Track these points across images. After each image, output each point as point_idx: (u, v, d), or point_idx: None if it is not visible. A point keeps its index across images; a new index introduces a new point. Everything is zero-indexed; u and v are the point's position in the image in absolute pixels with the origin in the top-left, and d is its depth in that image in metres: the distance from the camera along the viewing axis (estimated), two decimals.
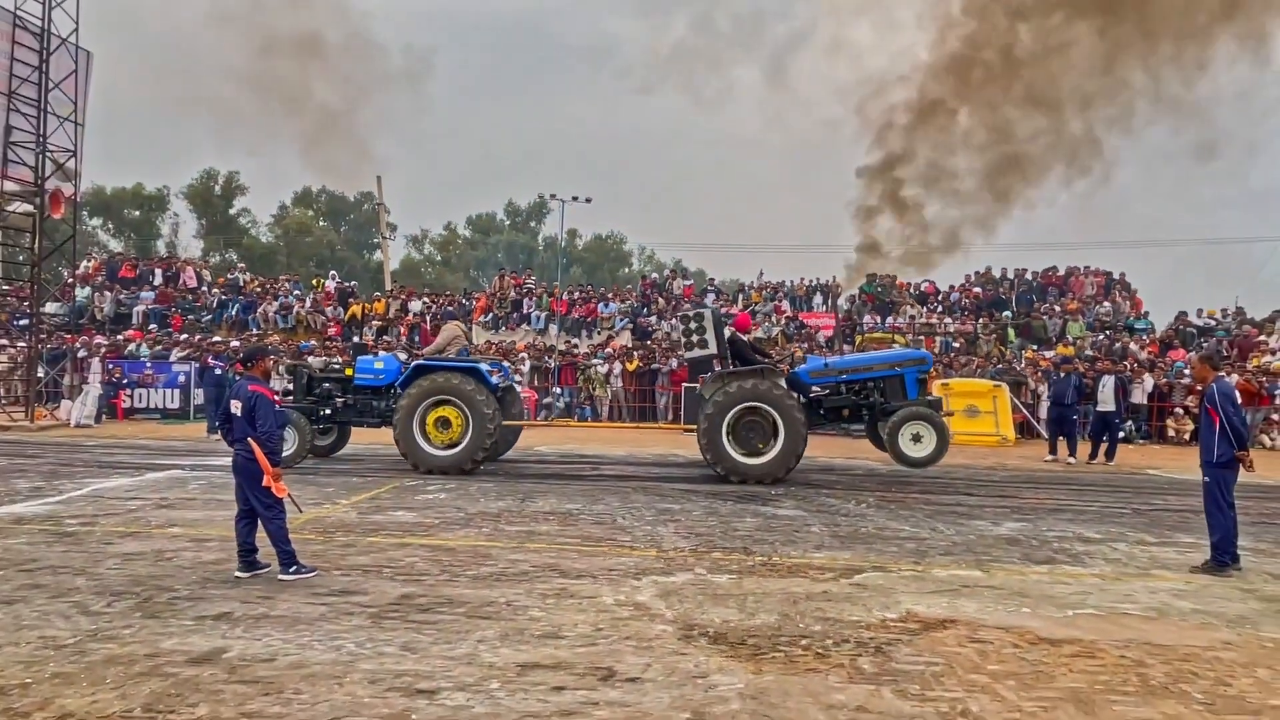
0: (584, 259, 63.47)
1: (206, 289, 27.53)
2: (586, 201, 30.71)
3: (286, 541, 5.91)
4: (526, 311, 25.79)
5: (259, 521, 5.98)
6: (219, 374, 16.85)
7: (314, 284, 29.58)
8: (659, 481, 11.11)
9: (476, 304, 26.48)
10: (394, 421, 11.29)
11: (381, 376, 12.03)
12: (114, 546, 6.77)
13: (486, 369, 11.56)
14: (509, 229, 65.30)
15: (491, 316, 25.65)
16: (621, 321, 25.02)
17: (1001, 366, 19.37)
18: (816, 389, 11.51)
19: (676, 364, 20.04)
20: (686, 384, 16.99)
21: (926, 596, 5.67)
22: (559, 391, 20.61)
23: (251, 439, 5.89)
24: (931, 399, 11.57)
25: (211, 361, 17.68)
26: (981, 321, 23.04)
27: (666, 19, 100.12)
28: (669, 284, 27.75)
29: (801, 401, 11.03)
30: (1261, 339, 20.51)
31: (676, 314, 24.79)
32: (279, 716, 3.70)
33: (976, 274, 26.05)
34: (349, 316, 25.79)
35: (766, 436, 10.84)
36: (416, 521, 7.99)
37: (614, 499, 9.51)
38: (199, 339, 22.08)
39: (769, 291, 26.76)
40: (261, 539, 6.01)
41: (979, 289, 25.16)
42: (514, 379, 14.49)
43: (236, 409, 5.98)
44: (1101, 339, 21.34)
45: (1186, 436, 16.99)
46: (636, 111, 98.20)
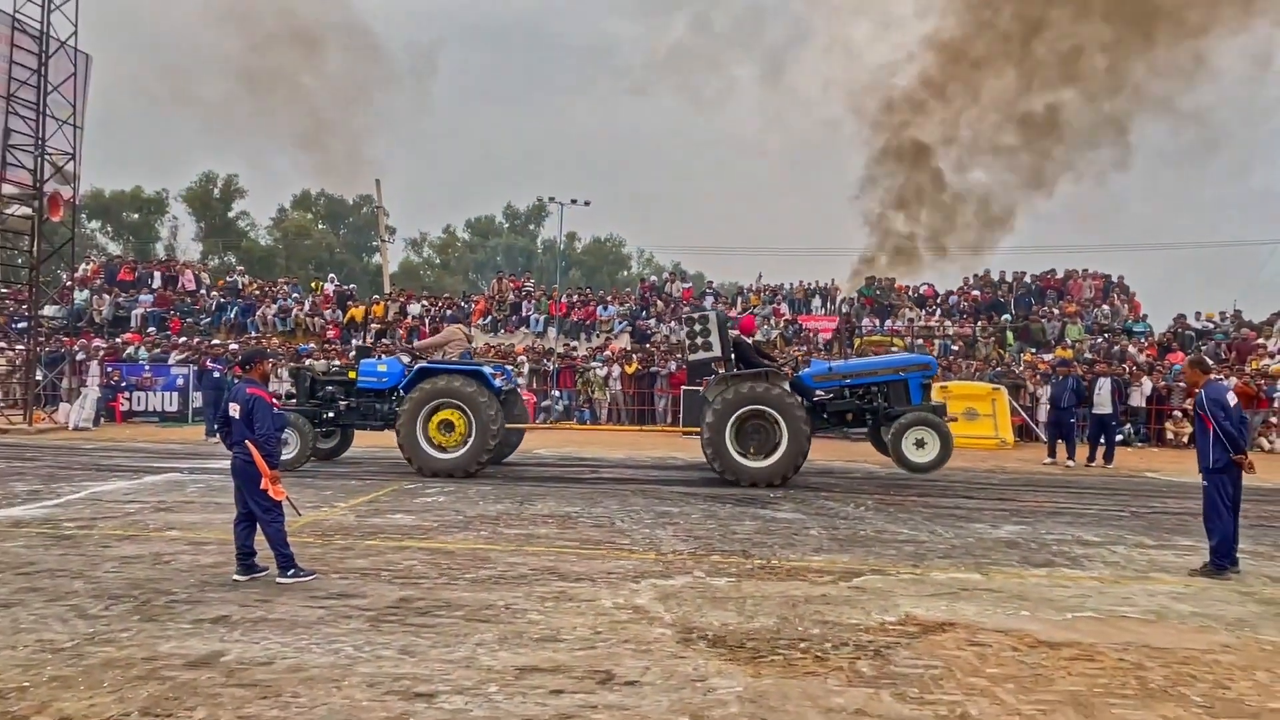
0: (583, 262, 63.48)
1: (205, 292, 27.52)
2: (585, 204, 30.83)
3: (285, 545, 5.90)
4: (525, 314, 25.79)
5: (257, 524, 5.97)
6: (217, 377, 16.85)
7: (313, 287, 29.59)
8: (658, 484, 11.11)
9: (475, 307, 26.50)
10: (397, 425, 11.27)
11: (385, 379, 12.01)
12: (112, 550, 6.76)
13: (490, 372, 11.56)
14: (508, 232, 65.31)
15: (490, 319, 25.65)
16: (620, 324, 25.03)
17: (1000, 369, 19.38)
18: (820, 393, 11.51)
19: (675, 367, 20.05)
20: (685, 387, 16.96)
21: (925, 599, 5.66)
22: (558, 394, 20.61)
23: (250, 442, 5.89)
24: (935, 405, 11.58)
25: (210, 364, 17.68)
26: (980, 324, 23.06)
27: (666, 19, 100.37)
28: (668, 287, 27.78)
29: (805, 405, 11.04)
30: (1260, 342, 20.53)
31: (675, 317, 24.83)
32: None
33: (975, 277, 26.08)
34: (348, 319, 25.79)
35: (770, 440, 10.84)
36: (415, 524, 7.98)
37: (613, 502, 9.51)
38: (197, 342, 22.07)
39: (768, 294, 26.78)
40: (260, 542, 6.00)
41: (977, 292, 25.20)
42: (517, 382, 14.48)
43: (235, 412, 5.98)
44: (1100, 342, 21.35)
45: (1185, 439, 17.00)
46: (635, 114, 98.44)
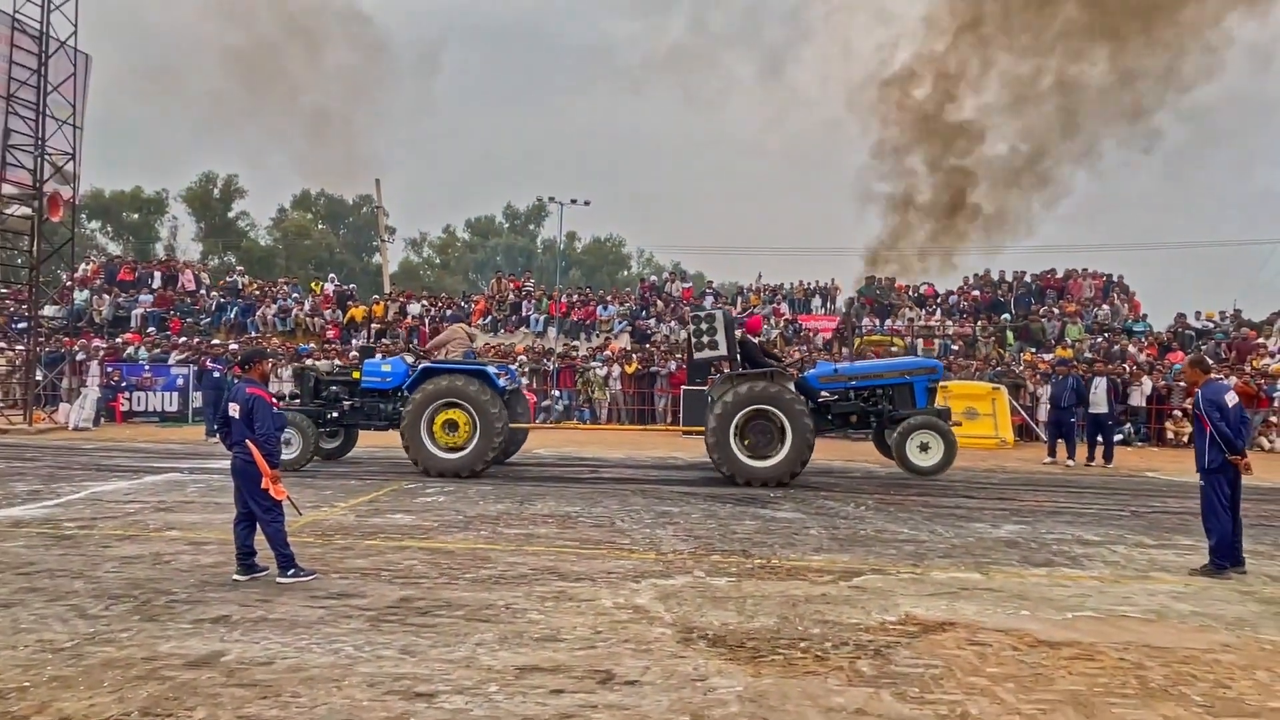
0: (583, 262, 63.46)
1: (205, 292, 27.52)
2: (585, 204, 30.80)
3: (285, 544, 5.91)
4: (525, 314, 25.79)
5: (257, 524, 5.97)
6: (217, 377, 16.85)
7: (313, 287, 29.59)
8: (658, 484, 11.11)
9: (475, 307, 26.50)
10: (402, 425, 11.28)
11: (389, 379, 12.03)
12: (112, 550, 6.76)
13: (494, 372, 11.57)
14: (508, 232, 65.30)
15: (490, 319, 25.66)
16: (620, 324, 25.02)
17: (1000, 369, 19.38)
18: (825, 394, 11.52)
19: (675, 366, 20.05)
20: (685, 386, 16.98)
21: (925, 599, 5.66)
22: (558, 394, 20.62)
23: (250, 441, 5.89)
24: (940, 409, 11.59)
25: (210, 364, 17.69)
26: (980, 324, 23.06)
27: (665, 19, 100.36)
28: (667, 286, 27.78)
29: (810, 406, 11.04)
30: (1260, 341, 20.54)
31: (675, 316, 24.83)
32: None
33: (975, 276, 26.08)
34: (348, 319, 25.79)
35: (773, 440, 10.85)
36: (415, 524, 7.98)
37: (613, 502, 9.51)
38: (197, 342, 22.07)
39: (767, 294, 26.78)
40: (260, 542, 6.00)
41: (977, 291, 25.20)
42: (520, 382, 14.48)
43: (235, 412, 5.98)
44: (1100, 341, 21.36)
45: (1185, 439, 17.00)
46: (635, 114, 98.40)
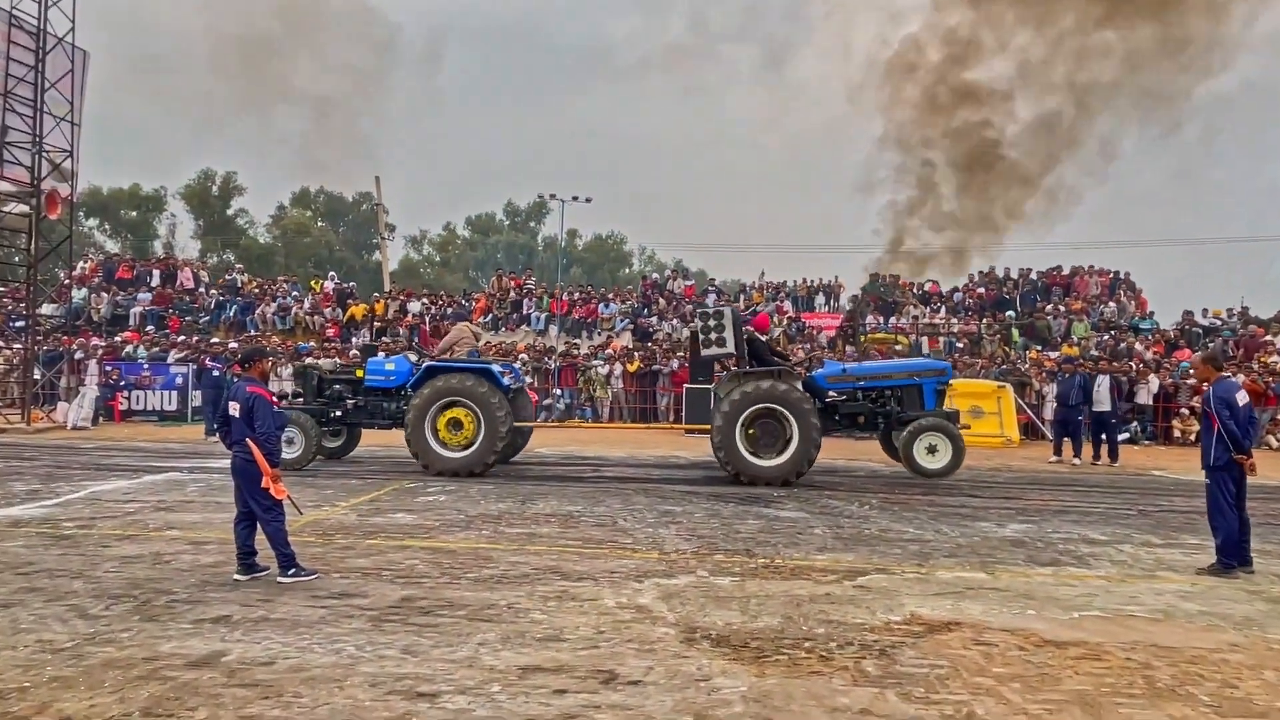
0: (584, 259, 63.42)
1: (204, 290, 27.56)
2: (586, 201, 30.72)
3: (285, 544, 5.92)
4: (526, 312, 25.80)
5: (258, 524, 5.98)
6: (217, 375, 16.88)
7: (312, 285, 29.62)
8: (660, 483, 11.12)
9: (476, 305, 26.51)
10: (405, 423, 11.30)
11: (392, 378, 12.04)
12: (111, 549, 6.78)
13: (498, 370, 11.59)
14: (508, 229, 65.27)
15: (491, 317, 25.67)
16: (622, 322, 25.02)
17: (1006, 367, 19.36)
18: (833, 394, 11.52)
19: (677, 365, 20.03)
20: (688, 385, 16.94)
21: (931, 599, 5.67)
22: (559, 393, 20.62)
23: (250, 440, 5.90)
24: (949, 411, 11.57)
25: (209, 363, 17.72)
26: (985, 321, 23.03)
27: (665, 17, 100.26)
28: (669, 284, 27.77)
29: (817, 406, 11.04)
30: (1268, 339, 20.49)
31: (677, 314, 24.83)
32: None
33: (980, 274, 26.03)
34: (347, 317, 25.81)
35: (780, 439, 10.84)
36: (416, 524, 8.00)
37: (615, 501, 9.53)
38: (196, 340, 22.10)
39: (770, 291, 26.77)
40: (260, 541, 6.01)
41: (983, 289, 25.17)
42: (525, 380, 14.48)
43: (235, 410, 5.99)
44: (1106, 339, 21.33)
45: (1192, 437, 16.97)
46: (637, 110, 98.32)
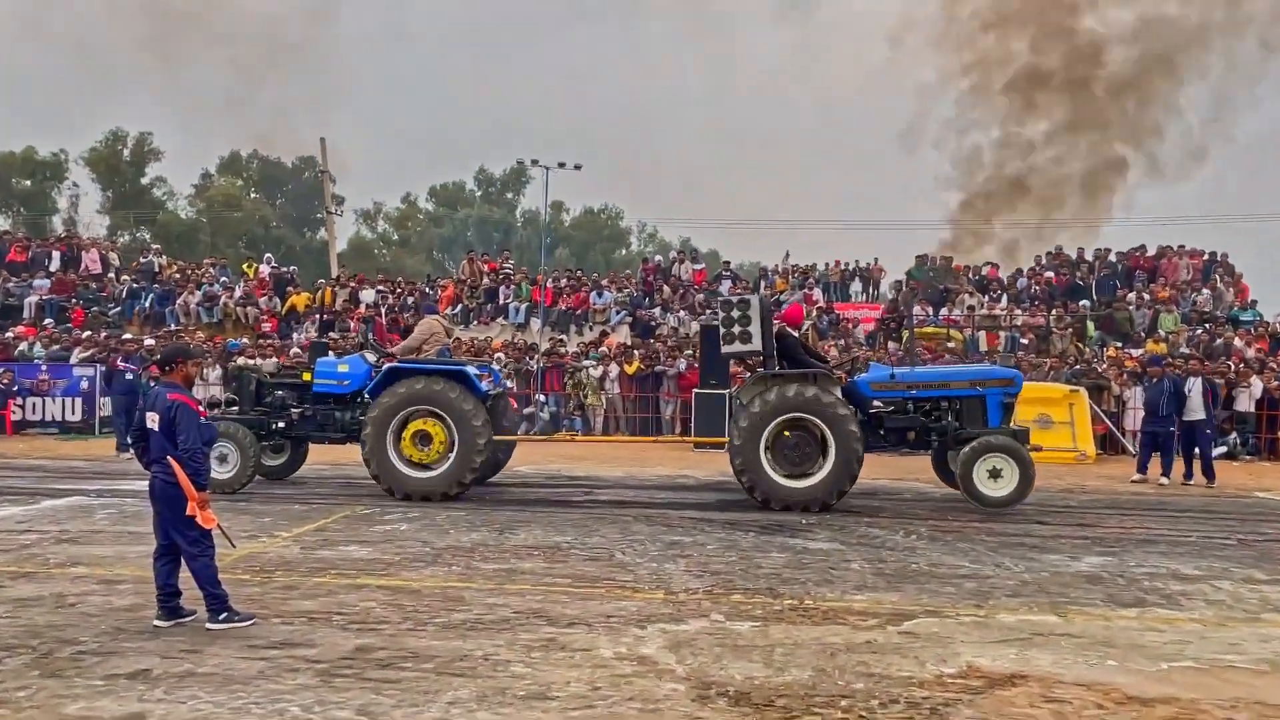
0: (572, 237, 63.55)
1: (114, 276, 27.55)
2: (575, 169, 30.68)
3: (216, 583, 5.92)
4: (503, 302, 25.83)
5: (182, 559, 5.99)
6: (130, 379, 16.87)
7: (245, 269, 29.63)
8: (665, 508, 11.13)
9: (442, 293, 26.53)
10: (362, 437, 11.29)
11: (347, 382, 12.03)
12: (4, 590, 6.77)
13: (475, 373, 11.61)
14: (480, 201, 65.37)
15: (460, 309, 25.70)
16: (618, 314, 25.05)
17: (1079, 367, 19.41)
18: (878, 403, 11.50)
19: (685, 365, 20.06)
20: (698, 390, 17.03)
21: (991, 647, 5.69)
22: (543, 400, 20.64)
23: (171, 458, 5.90)
24: (1018, 429, 11.56)
25: (121, 364, 17.69)
26: (1055, 313, 23.07)
27: None
28: (675, 268, 27.80)
29: (859, 417, 11.07)
30: None
31: (685, 304, 24.86)
32: None
33: (1049, 255, 26.08)
34: (287, 309, 25.81)
35: (813, 455, 10.86)
36: (373, 558, 8.00)
37: (612, 530, 9.54)
38: (105, 337, 22.09)
39: (797, 277, 26.81)
40: (186, 580, 6.02)
41: (1052, 273, 25.20)
42: (506, 385, 14.48)
43: (153, 422, 5.99)
44: (1200, 334, 21.38)
45: None
46: (635, 59, 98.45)
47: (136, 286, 26.35)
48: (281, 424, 12.12)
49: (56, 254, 27.58)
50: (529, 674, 5.11)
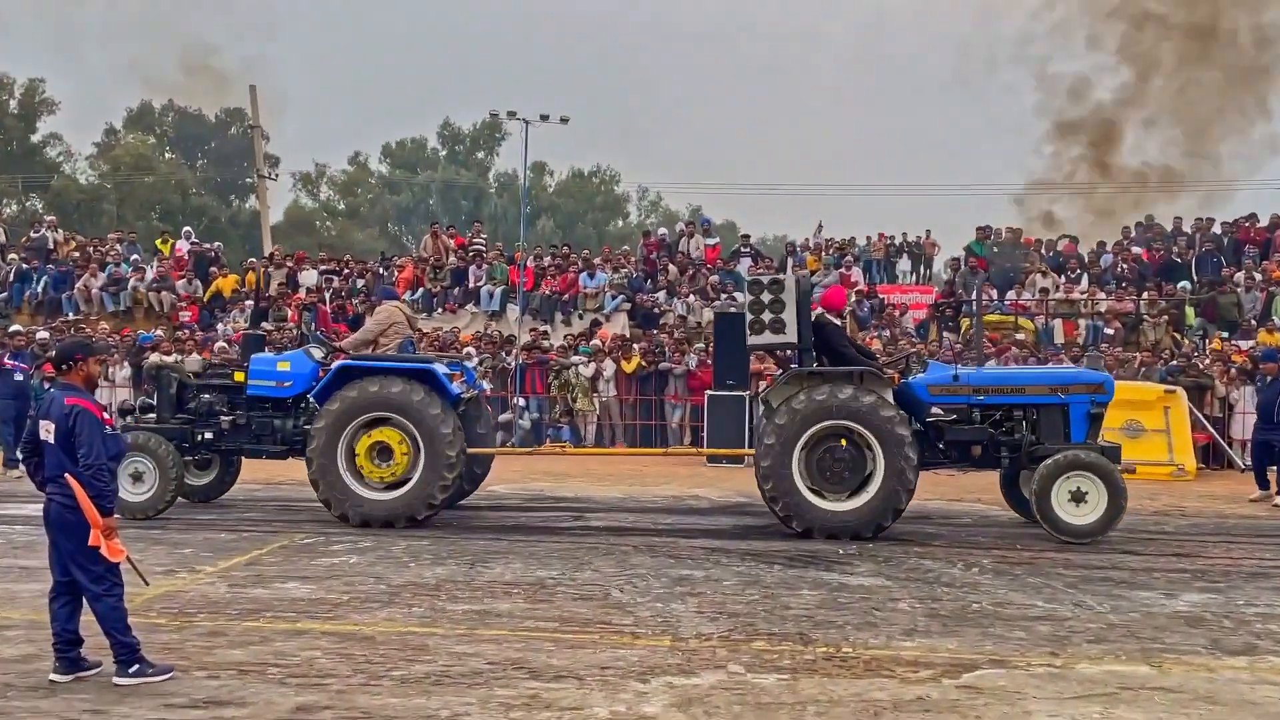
0: (558, 206, 63.61)
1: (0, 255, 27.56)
2: (561, 122, 30.65)
3: (126, 629, 5.92)
4: (474, 285, 25.80)
5: (84, 599, 5.99)
6: (20, 380, 16.88)
7: (159, 246, 29.61)
8: (672, 536, 11.15)
9: (399, 274, 26.51)
10: (308, 451, 11.31)
11: (289, 383, 12.06)
12: None
13: (444, 372, 11.63)
14: (446, 163, 65.43)
15: (422, 293, 25.69)
16: (614, 300, 25.04)
17: (1176, 363, 19.39)
18: (937, 410, 11.50)
19: (696, 363, 20.06)
20: (711, 391, 17.03)
21: (1069, 704, 5.69)
22: (522, 404, 20.64)
23: (70, 476, 5.89)
24: (1107, 445, 11.54)
25: (8, 363, 17.70)
26: (1147, 297, 23.07)
27: None
28: (683, 243, 27.78)
29: (914, 427, 11.09)
30: None
31: (695, 288, 24.84)
32: None
33: (1139, 225, 25.99)
34: (211, 294, 25.79)
35: (857, 472, 10.88)
36: (316, 598, 8.01)
37: (607, 563, 9.56)
38: None
39: (833, 254, 26.78)
40: (89, 625, 6.02)
41: (1143, 248, 25.15)
42: (481, 385, 14.49)
43: (48, 432, 5.99)
44: None
45: None
46: None
47: (26, 267, 26.36)
48: (209, 435, 12.12)
49: None
50: None
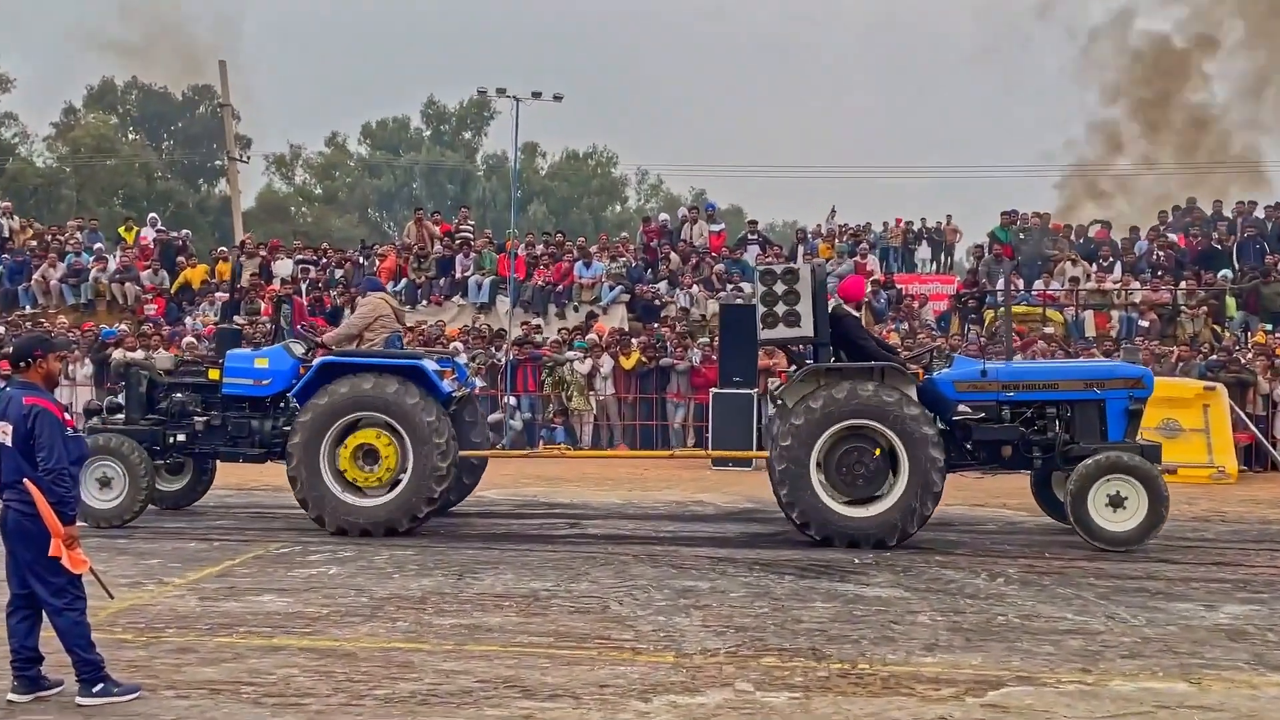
0: (550, 190, 63.61)
1: None
2: (555, 100, 30.62)
3: (89, 645, 5.92)
4: (461, 275, 25.81)
5: (44, 614, 5.99)
6: None
7: (122, 234, 29.61)
8: (675, 545, 11.18)
9: (381, 264, 26.51)
10: (288, 453, 11.34)
11: (267, 381, 12.10)
12: None
13: (434, 369, 11.65)
14: (430, 144, 65.41)
15: (406, 284, 25.69)
16: (612, 291, 25.03)
17: (1216, 358, 19.40)
18: (965, 408, 11.50)
19: (700, 358, 20.05)
20: (717, 389, 17.03)
21: None
22: (513, 403, 20.65)
23: (29, 481, 5.90)
24: (1147, 445, 11.54)
25: None
26: (1185, 286, 23.06)
27: None
28: (686, 230, 27.76)
29: (940, 426, 11.10)
30: None
31: (699, 278, 24.84)
32: None
33: (1176, 210, 25.96)
34: (179, 285, 25.78)
35: (878, 475, 10.90)
36: (294, 611, 8.02)
37: (605, 573, 9.57)
38: None
39: (846, 241, 26.77)
40: (49, 641, 6.02)
41: (1180, 235, 25.12)
42: (474, 383, 14.50)
43: (5, 435, 6.00)
44: None
45: None
46: None
47: None
48: (181, 437, 12.14)
49: None
50: None
